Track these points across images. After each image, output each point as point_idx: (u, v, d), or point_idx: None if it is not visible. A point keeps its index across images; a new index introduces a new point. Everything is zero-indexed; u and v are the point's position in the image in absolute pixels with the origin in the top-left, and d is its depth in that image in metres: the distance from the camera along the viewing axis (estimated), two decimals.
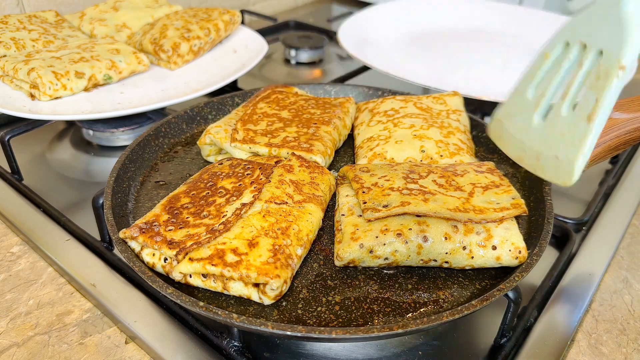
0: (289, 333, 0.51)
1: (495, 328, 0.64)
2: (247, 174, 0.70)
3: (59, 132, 1.09)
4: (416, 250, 0.61)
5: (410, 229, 0.62)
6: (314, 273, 0.63)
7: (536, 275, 0.73)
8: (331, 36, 1.56)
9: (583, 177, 0.58)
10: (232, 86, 1.24)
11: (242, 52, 1.26)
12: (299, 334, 0.51)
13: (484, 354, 0.63)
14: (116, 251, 0.75)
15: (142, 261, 0.60)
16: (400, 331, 0.51)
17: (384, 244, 0.61)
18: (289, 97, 0.93)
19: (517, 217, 0.66)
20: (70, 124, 1.12)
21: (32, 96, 0.99)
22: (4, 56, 1.06)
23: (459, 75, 1.29)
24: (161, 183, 0.79)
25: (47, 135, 1.08)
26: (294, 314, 0.57)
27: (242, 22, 1.39)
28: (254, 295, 0.57)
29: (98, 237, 0.77)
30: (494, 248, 0.61)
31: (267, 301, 0.57)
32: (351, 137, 0.91)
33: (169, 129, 0.88)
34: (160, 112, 1.04)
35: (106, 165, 0.99)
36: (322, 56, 1.51)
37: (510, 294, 0.59)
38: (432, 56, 1.38)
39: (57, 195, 0.89)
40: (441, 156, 0.79)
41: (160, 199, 0.73)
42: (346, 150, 0.89)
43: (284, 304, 0.59)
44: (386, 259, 0.62)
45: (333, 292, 0.61)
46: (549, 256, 0.77)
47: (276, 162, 0.73)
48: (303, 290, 0.61)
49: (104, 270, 0.72)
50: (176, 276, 0.58)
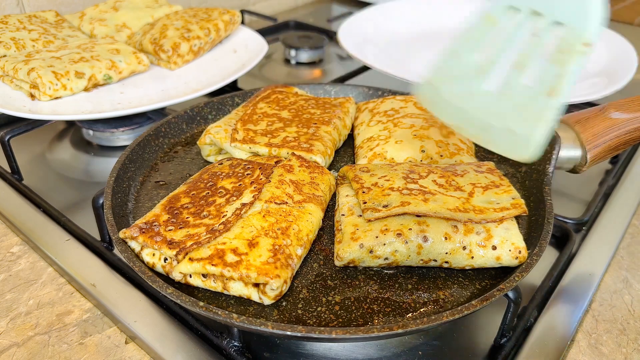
0: (289, 333, 0.51)
1: (495, 328, 0.64)
2: (247, 174, 0.70)
3: (59, 132, 1.09)
4: (416, 250, 0.61)
5: (410, 229, 0.62)
6: (314, 273, 0.63)
7: (536, 275, 0.73)
8: (331, 36, 1.55)
9: (583, 177, 0.57)
10: (232, 86, 1.24)
11: (242, 52, 1.26)
12: (299, 334, 0.51)
13: (484, 354, 0.63)
14: (116, 251, 0.75)
15: (142, 261, 0.60)
16: (400, 331, 0.51)
17: (384, 244, 0.61)
18: (289, 97, 0.93)
19: (517, 217, 0.66)
20: (70, 124, 1.12)
21: (32, 96, 0.99)
22: (4, 56, 1.06)
23: None
24: (161, 183, 0.79)
25: (47, 135, 1.08)
26: (294, 314, 0.57)
27: (242, 22, 1.39)
28: (254, 295, 0.57)
29: (98, 237, 0.78)
30: (494, 248, 0.61)
31: (267, 301, 0.57)
32: (351, 137, 0.91)
33: (169, 129, 0.88)
34: (160, 112, 1.04)
35: (106, 165, 0.99)
36: (322, 56, 1.51)
37: (510, 294, 0.59)
38: (432, 56, 1.38)
39: (57, 195, 0.89)
40: (441, 156, 0.79)
41: (160, 199, 0.73)
42: (346, 150, 0.89)
43: (284, 304, 0.59)
44: (386, 259, 0.62)
45: (333, 292, 0.61)
46: (549, 256, 0.77)
47: (276, 162, 0.73)
48: (303, 290, 0.61)
49: (104, 270, 0.72)
50: (176, 276, 0.58)
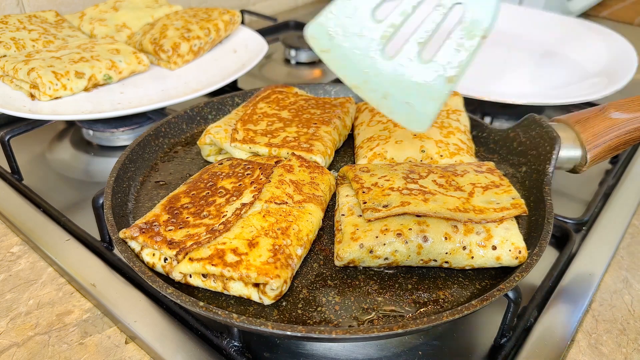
0: (289, 333, 0.51)
1: (495, 328, 0.64)
2: (247, 174, 0.70)
3: (59, 132, 1.09)
4: (416, 250, 0.61)
5: (410, 229, 0.62)
6: (314, 273, 0.63)
7: (536, 275, 0.73)
8: None
9: (583, 177, 0.58)
10: (232, 86, 1.24)
11: (242, 52, 1.26)
12: (299, 334, 0.51)
13: (484, 354, 0.63)
14: (116, 251, 0.75)
15: (142, 261, 0.60)
16: (400, 331, 0.51)
17: (384, 244, 0.61)
18: (289, 97, 0.93)
19: (517, 217, 0.66)
20: (70, 124, 1.12)
21: (32, 96, 0.99)
22: (4, 56, 1.06)
23: None
24: (161, 183, 0.79)
25: (47, 135, 1.08)
26: (294, 314, 0.57)
27: (242, 22, 1.39)
28: (254, 295, 0.57)
29: (98, 237, 0.77)
30: (494, 248, 0.61)
31: (267, 301, 0.57)
32: (351, 137, 0.91)
33: (169, 129, 0.88)
34: (160, 112, 1.04)
35: (106, 165, 0.99)
36: None
37: (510, 294, 0.59)
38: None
39: (57, 195, 0.89)
40: (441, 156, 0.79)
41: (160, 199, 0.73)
42: (346, 150, 0.89)
43: (284, 304, 0.59)
44: (386, 259, 0.62)
45: (333, 292, 0.61)
46: (549, 256, 0.77)
47: (276, 162, 0.73)
48: (303, 290, 0.61)
49: (104, 270, 0.72)
50: (176, 276, 0.58)
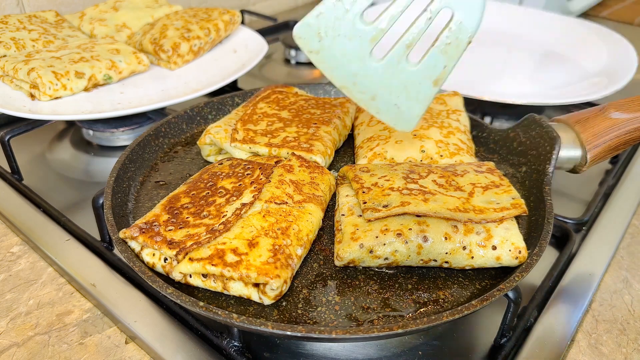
0: (289, 333, 0.51)
1: (495, 328, 0.64)
2: (247, 174, 0.70)
3: (59, 132, 1.09)
4: (416, 250, 0.61)
5: (410, 229, 0.62)
6: (314, 273, 0.63)
7: (536, 275, 0.73)
8: None
9: (583, 177, 0.58)
10: (232, 86, 1.24)
11: (242, 52, 1.26)
12: (299, 334, 0.51)
13: (484, 354, 0.63)
14: (116, 251, 0.75)
15: (142, 261, 0.60)
16: (400, 331, 0.51)
17: (384, 244, 0.61)
18: (289, 97, 0.93)
19: (517, 217, 0.66)
20: (70, 124, 1.12)
21: (32, 96, 0.99)
22: (4, 56, 1.06)
23: (458, 75, 1.28)
24: (161, 183, 0.79)
25: (47, 135, 1.08)
26: (294, 314, 0.57)
27: (242, 22, 1.39)
28: (254, 295, 0.57)
29: (98, 237, 0.77)
30: (494, 248, 0.61)
31: (267, 301, 0.57)
32: (351, 137, 0.91)
33: (169, 129, 0.88)
34: (160, 112, 1.04)
35: (106, 165, 0.99)
36: None
37: (510, 294, 0.59)
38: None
39: (57, 195, 0.89)
40: (441, 156, 0.79)
41: (160, 199, 0.73)
42: (346, 150, 0.89)
43: (284, 304, 0.59)
44: (386, 259, 0.62)
45: (333, 292, 0.61)
46: (549, 256, 0.77)
47: (276, 162, 0.73)
48: (303, 290, 0.61)
49: (104, 270, 0.72)
50: (176, 276, 0.58)
